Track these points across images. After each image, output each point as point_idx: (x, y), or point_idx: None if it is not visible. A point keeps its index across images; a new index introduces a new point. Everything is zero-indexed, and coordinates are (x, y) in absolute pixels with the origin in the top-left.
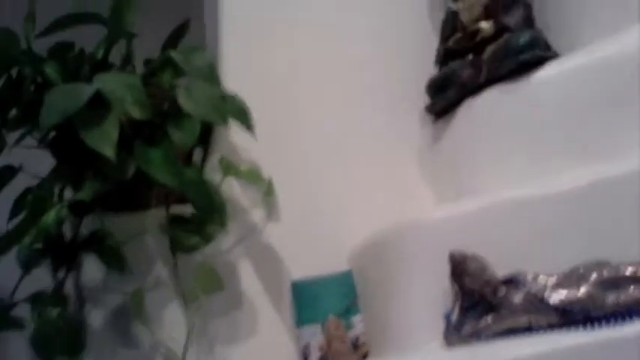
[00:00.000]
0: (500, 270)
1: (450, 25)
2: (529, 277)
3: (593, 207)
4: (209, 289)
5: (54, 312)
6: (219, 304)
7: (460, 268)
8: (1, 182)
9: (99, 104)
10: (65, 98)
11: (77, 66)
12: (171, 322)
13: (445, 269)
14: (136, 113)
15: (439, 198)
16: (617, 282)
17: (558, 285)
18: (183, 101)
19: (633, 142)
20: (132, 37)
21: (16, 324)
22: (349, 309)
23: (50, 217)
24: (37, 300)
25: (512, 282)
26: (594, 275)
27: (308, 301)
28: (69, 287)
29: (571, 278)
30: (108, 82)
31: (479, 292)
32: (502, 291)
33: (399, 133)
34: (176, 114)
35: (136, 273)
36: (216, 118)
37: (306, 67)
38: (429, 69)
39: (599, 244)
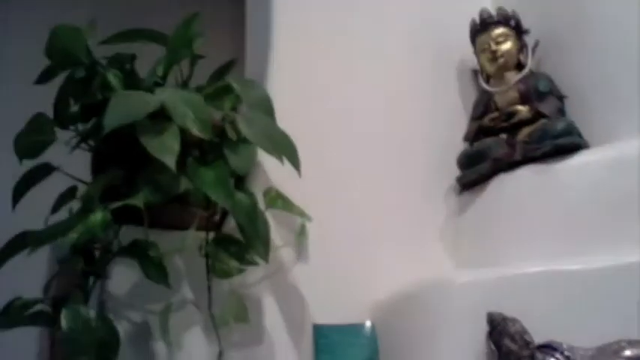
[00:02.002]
0: None
1: (484, 104)
2: (565, 346)
3: (620, 288)
4: (238, 319)
5: (91, 313)
6: (240, 336)
7: (500, 328)
8: (36, 178)
9: (160, 117)
10: (131, 104)
11: (138, 78)
12: (193, 345)
13: (472, 331)
14: (196, 130)
15: (457, 265)
16: None
17: (594, 356)
18: (243, 128)
19: None
20: (197, 58)
21: (48, 320)
22: None
23: (97, 217)
24: (69, 299)
25: (549, 348)
26: (628, 352)
27: (329, 346)
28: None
29: (606, 352)
30: (171, 97)
31: (517, 354)
32: (540, 356)
33: (431, 201)
34: (233, 139)
35: (163, 292)
36: (272, 151)
37: (352, 117)
38: (457, 144)
39: (622, 325)
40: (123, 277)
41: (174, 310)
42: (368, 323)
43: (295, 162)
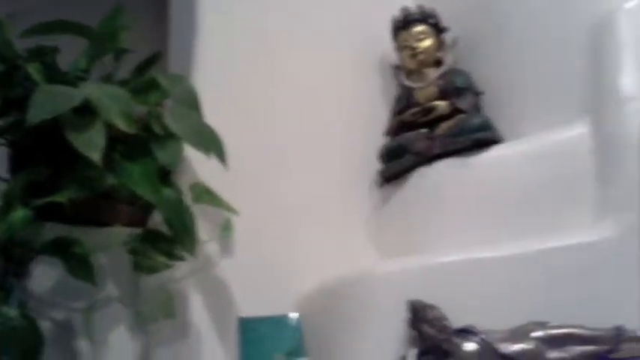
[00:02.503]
0: None
1: (404, 100)
2: (481, 329)
3: (529, 274)
4: (166, 314)
5: (12, 312)
6: (167, 332)
7: (420, 315)
8: None
9: (85, 111)
10: (55, 99)
11: (60, 72)
12: (119, 343)
13: (395, 319)
14: (122, 125)
15: (382, 256)
16: (556, 339)
17: (507, 338)
18: (170, 123)
19: (567, 221)
20: (123, 52)
21: None
22: (295, 351)
23: (18, 215)
24: None
25: (465, 332)
26: (539, 333)
27: (254, 339)
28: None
29: (517, 333)
30: (96, 91)
31: (436, 339)
32: (457, 339)
33: (353, 193)
34: (161, 134)
35: (86, 289)
36: (199, 145)
37: (276, 111)
38: (377, 140)
39: (531, 308)
40: (45, 275)
41: (99, 307)
42: (293, 315)
43: (222, 156)
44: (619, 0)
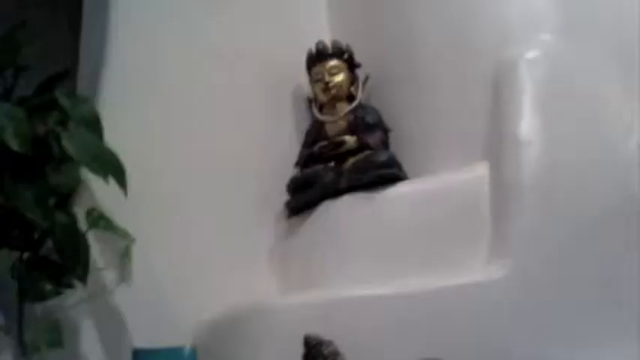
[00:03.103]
0: None
1: (315, 132)
2: None
3: (427, 311)
4: (51, 344)
5: None
6: None
7: (315, 350)
8: None
9: None
10: None
11: None
12: None
13: (292, 354)
14: (15, 145)
15: (284, 288)
16: None
17: None
18: (68, 145)
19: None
20: (22, 69)
21: None
22: None
23: None
24: None
25: None
26: None
27: None
28: None
29: None
30: None
31: None
32: None
33: (260, 223)
34: (56, 156)
35: None
36: (97, 170)
37: (189, 138)
38: (288, 170)
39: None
40: None
41: None
42: (187, 347)
43: (122, 181)
44: (520, 50)
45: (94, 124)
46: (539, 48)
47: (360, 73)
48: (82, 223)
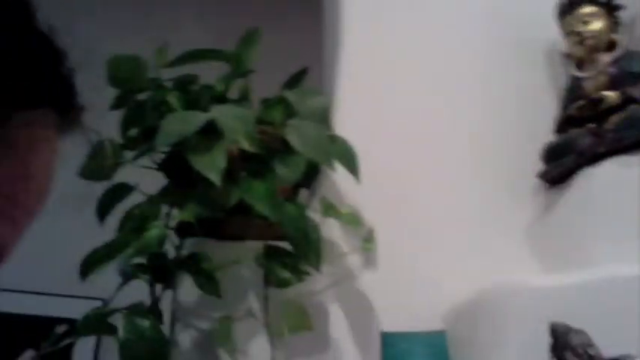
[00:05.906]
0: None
1: (574, 92)
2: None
3: None
4: (296, 328)
5: (146, 322)
6: (306, 344)
7: (563, 341)
8: (116, 198)
9: (212, 133)
10: (180, 123)
11: (198, 97)
12: (257, 355)
13: (541, 339)
14: (245, 145)
15: (546, 268)
16: None
17: None
18: (292, 138)
19: None
20: (250, 73)
21: (110, 329)
22: None
23: (152, 233)
24: (133, 310)
25: None
26: None
27: (397, 354)
28: (164, 305)
29: None
30: (223, 113)
31: None
32: None
33: (510, 199)
34: (284, 150)
35: (228, 301)
36: (322, 158)
37: (419, 123)
38: (545, 136)
39: None
40: (192, 287)
41: (238, 319)
42: (438, 331)
43: (352, 167)
44: None
45: (321, 115)
46: None
47: (623, 15)
48: (318, 213)
